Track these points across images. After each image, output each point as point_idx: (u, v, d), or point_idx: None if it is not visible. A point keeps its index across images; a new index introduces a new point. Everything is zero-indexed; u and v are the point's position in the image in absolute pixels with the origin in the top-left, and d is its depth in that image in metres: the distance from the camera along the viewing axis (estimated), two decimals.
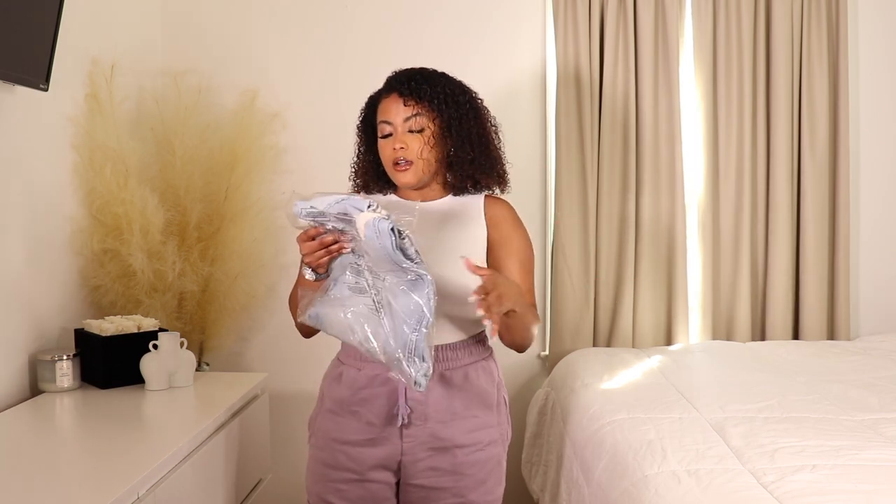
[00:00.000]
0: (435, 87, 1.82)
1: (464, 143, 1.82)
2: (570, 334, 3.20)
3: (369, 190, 1.93)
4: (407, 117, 1.80)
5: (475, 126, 1.84)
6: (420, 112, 1.80)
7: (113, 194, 2.56)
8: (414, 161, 1.80)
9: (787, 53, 3.21)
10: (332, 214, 1.58)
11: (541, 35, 3.27)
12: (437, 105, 1.80)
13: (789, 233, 3.24)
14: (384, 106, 1.84)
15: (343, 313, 1.60)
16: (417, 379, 1.56)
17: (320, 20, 3.24)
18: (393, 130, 1.81)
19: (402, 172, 1.81)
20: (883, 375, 2.67)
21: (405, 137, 1.80)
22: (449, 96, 1.82)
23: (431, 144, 1.81)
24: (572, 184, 3.18)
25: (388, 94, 1.84)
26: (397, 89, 1.82)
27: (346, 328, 1.60)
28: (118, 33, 2.81)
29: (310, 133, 3.21)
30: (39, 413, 2.16)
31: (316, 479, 1.88)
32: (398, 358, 1.56)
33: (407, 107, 1.80)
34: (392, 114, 1.81)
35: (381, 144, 1.84)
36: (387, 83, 1.87)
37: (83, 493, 1.61)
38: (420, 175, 1.82)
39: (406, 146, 1.79)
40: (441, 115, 1.81)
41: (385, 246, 1.54)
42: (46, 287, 2.42)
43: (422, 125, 1.80)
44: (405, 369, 1.56)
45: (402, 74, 1.85)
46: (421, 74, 1.84)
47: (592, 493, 2.13)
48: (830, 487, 1.71)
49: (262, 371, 2.93)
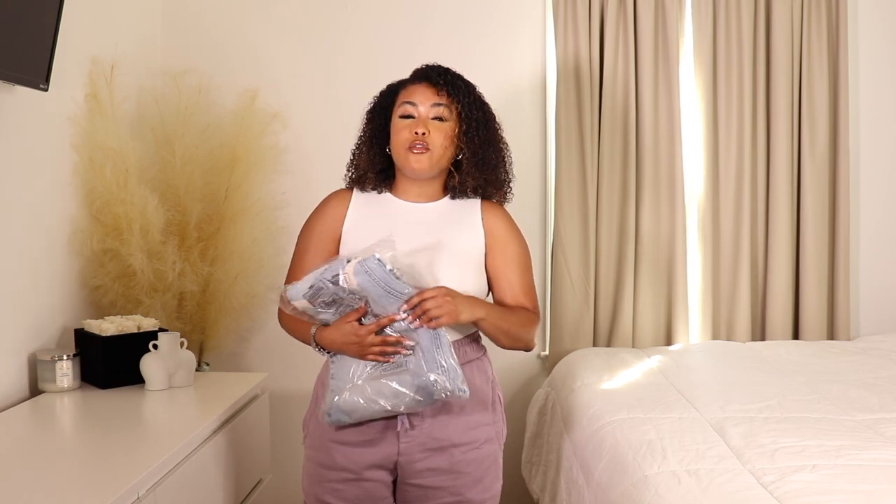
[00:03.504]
0: (466, 86, 1.83)
1: (478, 150, 1.82)
2: (570, 334, 3.20)
3: (364, 183, 1.89)
4: (436, 104, 1.80)
5: (492, 139, 1.85)
6: (449, 105, 1.80)
7: (113, 194, 2.56)
8: (432, 149, 1.79)
9: (787, 53, 3.21)
10: (326, 280, 1.64)
11: (541, 35, 3.27)
12: (467, 104, 1.81)
13: (789, 233, 3.24)
14: (411, 90, 1.83)
15: (361, 395, 1.70)
16: (459, 387, 1.68)
17: (320, 20, 3.24)
18: (417, 113, 1.80)
19: (417, 155, 1.79)
20: (883, 375, 2.67)
21: (429, 123, 1.80)
22: (474, 103, 1.83)
23: (451, 139, 1.81)
24: (572, 184, 3.18)
25: (418, 82, 1.83)
26: (431, 79, 1.82)
27: (369, 401, 1.69)
28: (118, 33, 2.81)
29: (310, 133, 3.21)
30: (39, 413, 2.16)
31: (312, 479, 1.87)
32: (434, 381, 1.65)
33: (439, 95, 1.80)
34: (419, 96, 1.81)
35: (399, 125, 1.81)
36: (416, 73, 1.87)
37: (83, 493, 1.61)
38: (432, 164, 1.81)
39: (428, 132, 1.79)
40: (469, 116, 1.81)
41: (381, 279, 1.63)
42: (46, 287, 2.42)
43: (447, 117, 1.80)
44: (446, 386, 1.66)
45: (435, 67, 1.85)
46: (452, 73, 1.85)
47: (592, 493, 2.13)
48: (830, 487, 1.71)
49: (262, 371, 2.93)
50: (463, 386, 1.68)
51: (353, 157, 1.92)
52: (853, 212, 3.35)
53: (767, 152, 3.25)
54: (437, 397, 1.68)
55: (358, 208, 1.89)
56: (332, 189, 1.96)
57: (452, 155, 1.84)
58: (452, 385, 1.67)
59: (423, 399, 1.68)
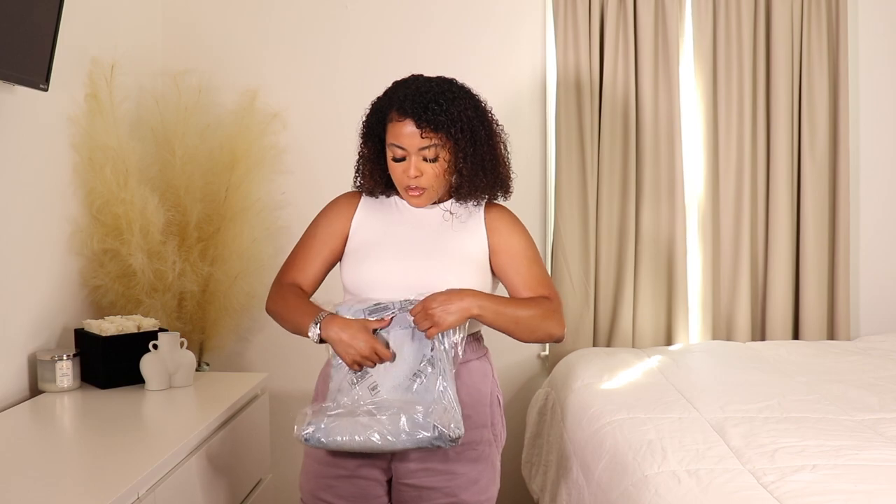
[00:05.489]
0: (451, 111, 1.77)
1: (476, 168, 1.82)
2: (570, 334, 3.19)
3: (372, 191, 1.92)
4: (422, 147, 1.77)
5: (487, 148, 1.83)
6: (436, 143, 1.78)
7: (113, 194, 2.56)
8: (427, 188, 1.81)
9: (787, 53, 3.21)
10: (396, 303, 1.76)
11: (541, 36, 3.27)
12: (453, 134, 1.78)
13: (789, 233, 3.24)
14: (397, 129, 1.78)
15: (354, 424, 1.69)
16: (453, 427, 1.68)
17: (320, 20, 3.24)
18: (407, 156, 1.79)
19: (415, 198, 1.83)
20: (883, 375, 2.67)
21: (421, 166, 1.79)
22: (464, 122, 1.79)
23: (446, 170, 1.81)
24: (572, 184, 3.18)
25: (402, 117, 1.77)
26: (412, 115, 1.76)
27: (358, 429, 1.68)
28: (118, 33, 2.81)
29: (310, 133, 3.21)
30: (39, 413, 2.16)
31: (309, 476, 1.88)
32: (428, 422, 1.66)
33: (424, 138, 1.76)
34: (406, 140, 1.78)
35: (393, 166, 1.82)
36: (400, 104, 1.78)
37: (83, 493, 1.62)
38: (431, 198, 1.84)
39: (421, 174, 1.79)
40: (457, 143, 1.79)
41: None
42: (46, 287, 2.42)
43: (437, 154, 1.79)
44: (442, 430, 1.66)
45: (417, 98, 1.77)
46: (436, 99, 1.77)
47: (592, 493, 2.13)
48: (830, 487, 1.72)
49: (262, 371, 2.92)
50: (455, 427, 1.67)
51: (357, 169, 1.94)
52: (853, 212, 3.35)
53: (767, 152, 3.25)
54: (426, 439, 1.67)
55: (365, 210, 1.92)
56: (332, 189, 1.99)
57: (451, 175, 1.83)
58: (447, 428, 1.66)
59: (410, 437, 1.67)
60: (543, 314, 1.81)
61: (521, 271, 1.86)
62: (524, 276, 1.86)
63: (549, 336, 1.84)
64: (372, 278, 1.82)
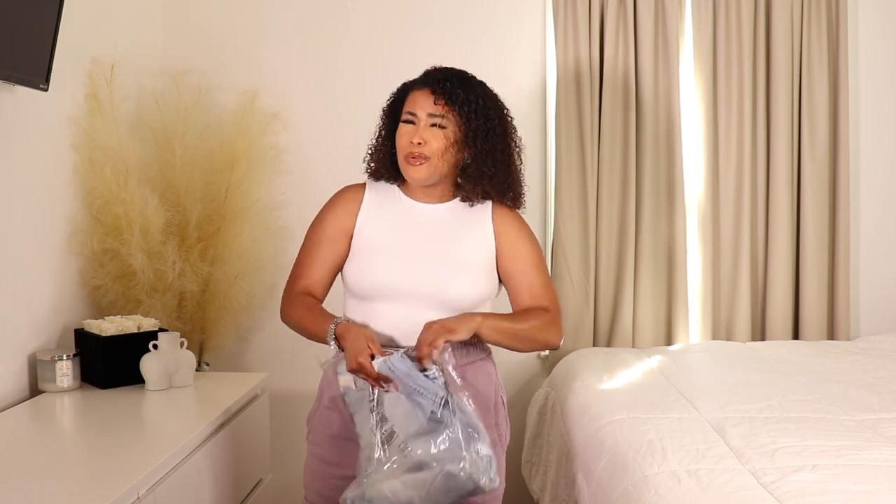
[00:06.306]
0: (469, 93, 1.80)
1: (485, 156, 1.81)
2: (570, 334, 3.19)
3: (380, 177, 1.90)
4: (432, 114, 1.79)
5: (500, 143, 1.83)
6: (447, 115, 1.79)
7: (113, 194, 2.56)
8: (430, 158, 1.79)
9: (787, 53, 3.21)
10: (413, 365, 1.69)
11: (541, 36, 3.27)
12: (466, 112, 1.79)
13: (789, 233, 3.24)
14: (414, 96, 1.82)
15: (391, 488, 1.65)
16: (491, 477, 1.66)
17: (320, 20, 3.24)
18: (416, 121, 1.80)
19: (414, 167, 1.80)
20: (883, 375, 2.67)
21: (426, 133, 1.79)
22: (480, 107, 1.80)
23: (451, 146, 1.80)
24: (572, 184, 3.18)
25: (422, 86, 1.82)
26: (431, 85, 1.81)
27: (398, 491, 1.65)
28: (118, 33, 2.81)
29: (310, 133, 3.21)
30: (39, 413, 2.16)
31: (313, 475, 1.88)
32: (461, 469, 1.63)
33: (436, 105, 1.79)
34: (419, 106, 1.80)
35: (401, 130, 1.82)
36: (424, 75, 1.86)
37: (83, 493, 1.62)
38: (432, 173, 1.81)
39: (424, 142, 1.78)
40: (468, 123, 1.79)
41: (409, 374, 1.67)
42: (46, 287, 2.42)
43: (446, 124, 1.79)
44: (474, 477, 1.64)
45: (440, 72, 1.84)
46: (459, 78, 1.82)
47: (592, 493, 2.13)
48: (830, 487, 1.72)
49: (262, 371, 2.92)
50: (494, 476, 1.67)
51: (369, 151, 1.93)
52: (853, 212, 3.35)
53: (767, 152, 3.25)
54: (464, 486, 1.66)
55: (370, 204, 1.89)
56: (332, 189, 1.96)
57: (456, 160, 1.82)
58: (480, 476, 1.65)
59: (450, 489, 1.65)
60: (544, 325, 1.83)
61: (526, 278, 1.87)
62: (528, 283, 1.86)
63: (547, 346, 1.88)
64: (378, 285, 1.81)
